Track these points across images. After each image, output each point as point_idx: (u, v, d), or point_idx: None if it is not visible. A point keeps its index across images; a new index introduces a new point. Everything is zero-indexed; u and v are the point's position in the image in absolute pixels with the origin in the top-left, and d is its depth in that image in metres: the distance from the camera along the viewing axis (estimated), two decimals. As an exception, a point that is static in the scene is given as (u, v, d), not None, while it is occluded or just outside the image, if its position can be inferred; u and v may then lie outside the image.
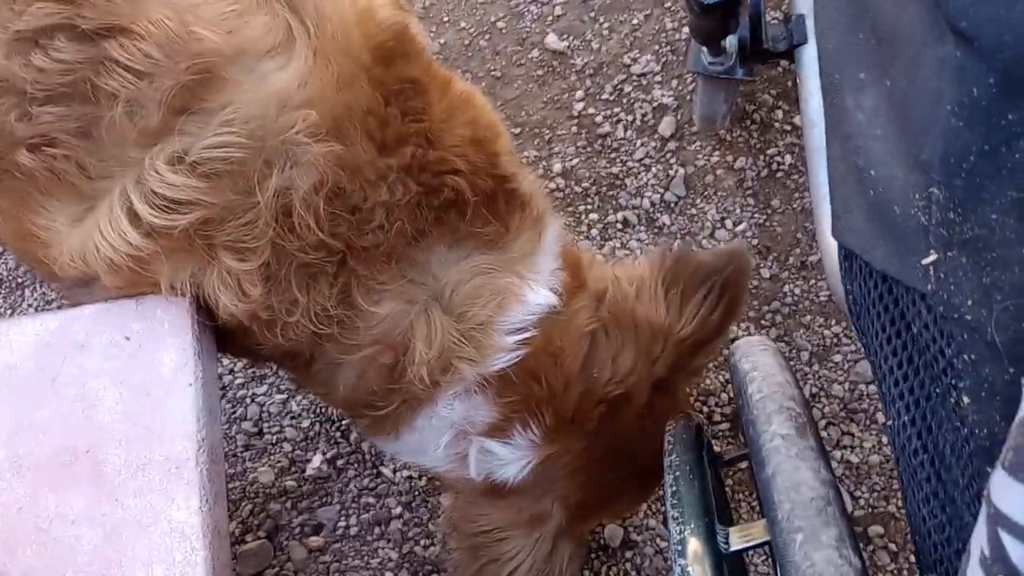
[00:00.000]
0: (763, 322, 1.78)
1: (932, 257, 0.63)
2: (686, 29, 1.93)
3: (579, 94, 1.95)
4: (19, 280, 1.95)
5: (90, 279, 1.13)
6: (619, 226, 1.87)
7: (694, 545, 0.82)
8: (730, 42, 1.47)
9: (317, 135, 1.04)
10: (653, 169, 1.88)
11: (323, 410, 1.85)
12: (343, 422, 1.85)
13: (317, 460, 1.85)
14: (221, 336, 1.21)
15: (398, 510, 1.82)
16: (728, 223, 1.84)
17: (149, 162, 1.01)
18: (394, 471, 1.80)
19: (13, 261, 1.96)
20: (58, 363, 1.15)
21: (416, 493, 1.82)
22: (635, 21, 1.96)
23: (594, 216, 1.88)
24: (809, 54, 1.31)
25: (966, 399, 0.63)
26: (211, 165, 1.01)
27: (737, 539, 0.82)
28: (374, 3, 1.14)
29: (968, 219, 0.60)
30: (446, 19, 2.03)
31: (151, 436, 1.12)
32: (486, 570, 1.28)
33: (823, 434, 1.73)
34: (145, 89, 0.99)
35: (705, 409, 1.77)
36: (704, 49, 1.54)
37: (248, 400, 1.90)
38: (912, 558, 1.65)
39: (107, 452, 1.12)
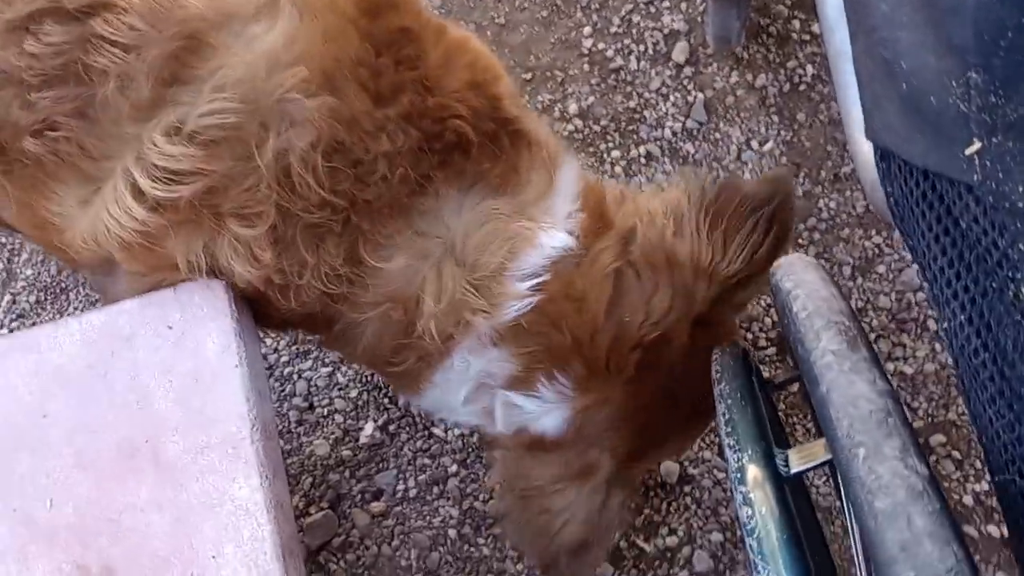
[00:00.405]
0: (800, 240, 1.75)
1: (976, 146, 0.61)
2: (689, -50, 1.89)
3: (587, 30, 1.91)
4: (63, 285, 1.97)
5: (108, 262, 1.13)
6: (643, 160, 1.84)
7: (753, 471, 0.81)
8: (739, -42, 1.44)
9: (308, 90, 1.02)
10: (671, 98, 1.85)
11: (369, 378, 1.86)
12: (390, 388, 1.86)
13: (369, 428, 1.86)
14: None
15: (454, 468, 1.83)
16: (754, 144, 1.81)
17: (147, 136, 1.02)
18: (446, 430, 1.81)
19: (55, 267, 1.98)
20: (107, 359, 1.16)
21: (470, 450, 1.84)
22: (637, -52, 1.92)
23: (616, 153, 1.86)
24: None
25: (1025, 290, 0.61)
26: (208, 133, 1.01)
27: (797, 460, 0.81)
28: None
29: (1011, 100, 0.57)
30: (444, -29, 2.00)
31: (205, 420, 1.14)
32: (537, 521, 1.26)
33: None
34: (133, 62, 0.99)
35: (750, 336, 1.75)
36: (711, -32, 1.50)
37: (295, 376, 1.92)
38: (978, 464, 1.63)
39: (165, 440, 1.13)
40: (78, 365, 1.17)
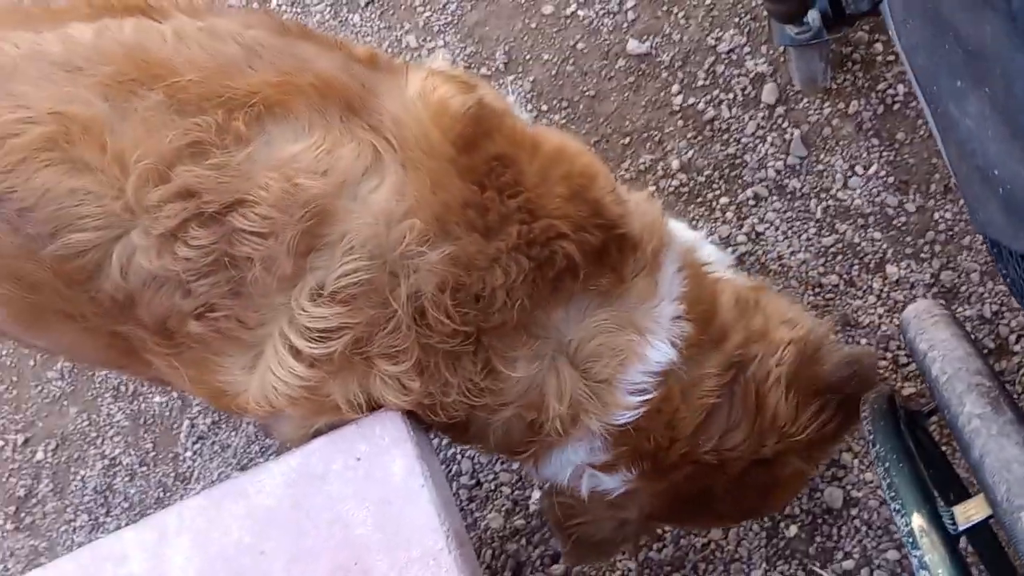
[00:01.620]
0: (922, 255, 1.78)
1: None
2: (761, -5, 1.94)
3: (675, 88, 1.99)
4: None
5: (277, 412, 1.27)
6: (751, 203, 1.90)
7: (924, 534, 0.86)
8: (812, 16, 1.49)
9: (426, 240, 1.15)
10: (768, 138, 1.91)
11: (529, 452, 1.96)
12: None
13: (536, 495, 1.96)
14: None
15: (623, 523, 1.91)
16: (858, 169, 1.84)
17: (295, 303, 1.16)
18: (610, 491, 1.89)
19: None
20: (308, 496, 1.30)
21: (635, 503, 1.91)
22: (707, 1, 1.98)
23: (724, 200, 1.92)
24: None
25: None
26: (347, 290, 1.15)
27: (962, 518, 0.87)
28: (444, 96, 1.24)
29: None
30: (528, 57, 2.10)
31: (403, 538, 1.26)
32: (568, 514, 1.45)
33: (1015, 348, 1.72)
34: (273, 245, 1.14)
35: (888, 355, 1.78)
36: (787, 23, 1.56)
37: (459, 456, 2.04)
38: None
39: (372, 561, 1.26)
40: (284, 505, 1.31)
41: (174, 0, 1.39)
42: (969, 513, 0.87)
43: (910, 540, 0.88)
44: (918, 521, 0.88)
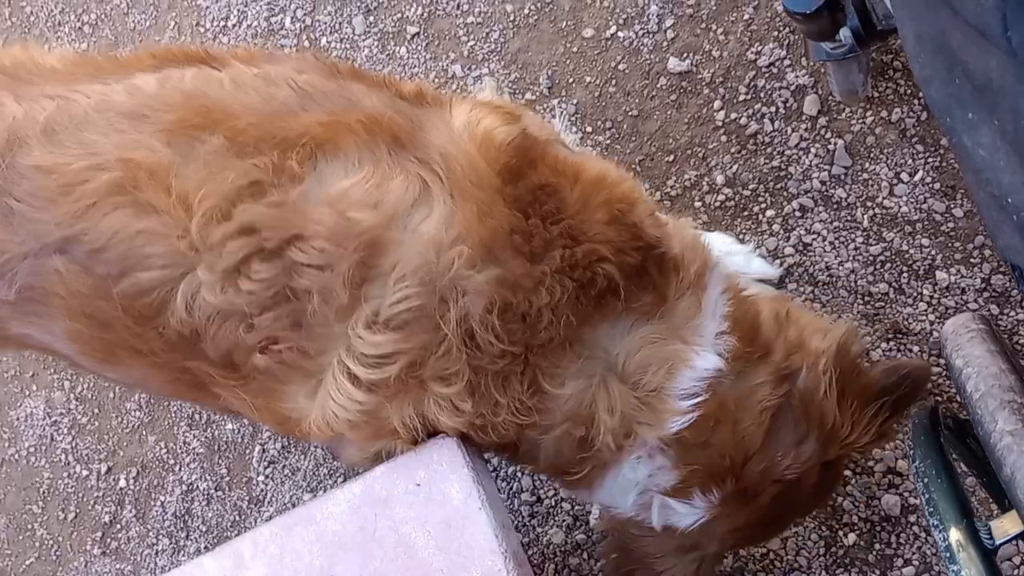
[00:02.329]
0: (971, 260, 1.78)
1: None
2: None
3: (716, 104, 2.01)
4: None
5: (338, 436, 1.33)
6: (798, 214, 1.92)
7: (961, 548, 0.89)
8: (843, 34, 1.51)
9: (474, 265, 1.20)
10: (812, 149, 1.92)
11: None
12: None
13: (597, 511, 2.00)
14: None
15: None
16: (903, 176, 1.85)
17: (352, 332, 1.22)
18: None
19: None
20: (372, 520, 1.37)
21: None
22: (746, 16, 2.00)
23: (771, 213, 1.94)
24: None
25: None
26: (400, 317, 1.21)
27: (999, 532, 0.89)
28: (489, 128, 1.30)
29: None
30: (571, 80, 2.15)
31: (464, 560, 1.32)
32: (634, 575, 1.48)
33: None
34: (329, 277, 1.20)
35: (942, 361, 1.78)
36: (822, 40, 1.58)
37: (519, 474, 2.08)
38: None
39: (435, 583, 1.32)
40: (350, 529, 1.38)
41: (232, 50, 1.47)
42: (1005, 527, 0.89)
43: (947, 554, 0.90)
44: (955, 536, 0.90)
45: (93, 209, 1.23)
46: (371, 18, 2.37)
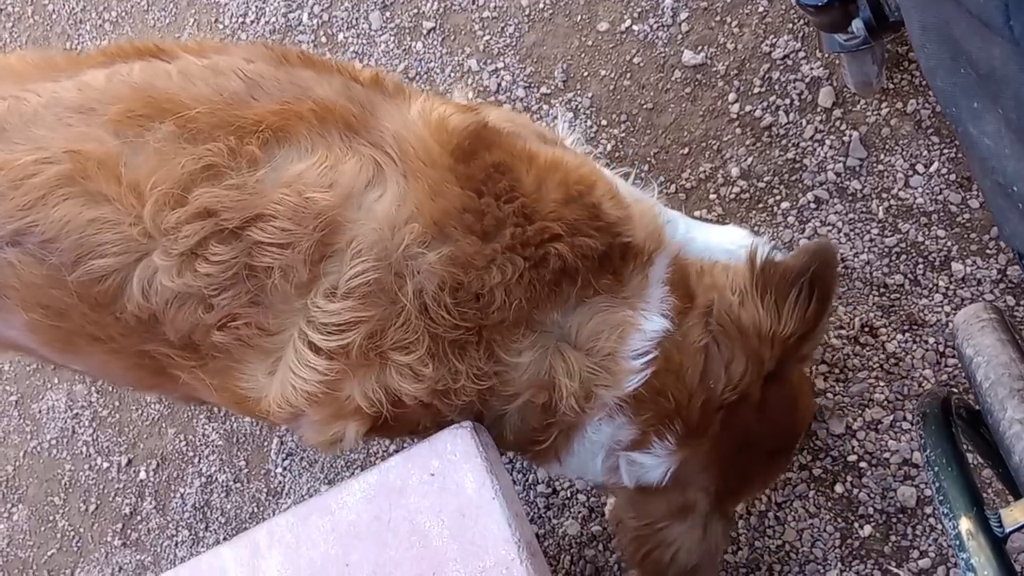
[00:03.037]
0: (987, 251, 1.77)
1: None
2: None
3: (731, 97, 2.01)
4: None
5: (296, 416, 1.35)
6: (812, 206, 1.91)
7: (971, 537, 0.89)
8: (856, 25, 1.50)
9: (426, 243, 1.24)
10: (827, 141, 1.92)
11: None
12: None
13: (611, 502, 2.01)
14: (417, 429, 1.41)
15: (698, 527, 1.94)
16: (919, 167, 1.84)
17: (311, 303, 1.25)
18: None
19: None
20: (387, 509, 1.38)
21: (709, 507, 1.94)
22: (760, 9, 2.00)
23: (786, 205, 1.94)
24: None
25: None
26: (358, 290, 1.24)
27: (1008, 520, 0.89)
28: (443, 114, 1.34)
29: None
30: (586, 74, 2.15)
31: (477, 549, 1.33)
32: (652, 556, 1.47)
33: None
34: (290, 255, 1.23)
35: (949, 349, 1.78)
36: (835, 31, 1.57)
37: (534, 466, 2.09)
38: None
39: (449, 571, 1.33)
40: (365, 518, 1.39)
41: (183, 43, 1.51)
42: (1015, 516, 0.90)
43: (957, 542, 0.90)
44: (966, 524, 0.90)
45: (42, 201, 1.25)
46: (387, 14, 2.38)
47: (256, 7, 2.55)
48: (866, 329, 1.85)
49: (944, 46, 0.83)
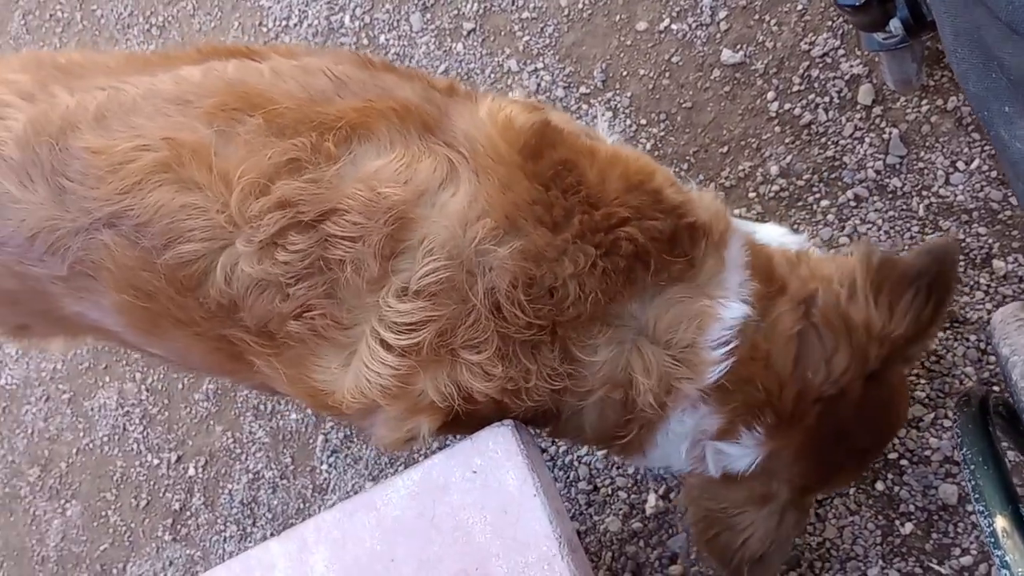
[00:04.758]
0: (1027, 249, 1.76)
1: None
2: None
3: (770, 95, 2.02)
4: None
5: (370, 411, 1.37)
6: (852, 204, 1.91)
7: (1006, 535, 0.90)
8: (894, 24, 1.50)
9: (497, 236, 1.25)
10: (866, 139, 1.92)
11: (642, 456, 2.02)
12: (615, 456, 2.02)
13: (652, 499, 2.02)
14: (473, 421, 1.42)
15: (739, 524, 1.95)
16: (959, 165, 1.83)
17: (383, 301, 1.27)
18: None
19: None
20: (431, 506, 1.41)
21: (749, 504, 1.95)
22: (800, 7, 2.00)
23: (825, 203, 1.94)
24: None
25: None
26: (429, 288, 1.26)
27: (1046, 520, 0.90)
28: (510, 115, 1.37)
29: None
30: (625, 74, 2.17)
31: (519, 544, 1.35)
32: (721, 538, 1.46)
33: None
34: (361, 248, 1.26)
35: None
36: (874, 29, 1.57)
37: (576, 463, 2.12)
38: None
39: (492, 566, 1.36)
40: (409, 515, 1.42)
41: (274, 46, 1.55)
42: (1052, 515, 0.90)
43: (992, 540, 0.91)
44: (1001, 523, 0.91)
45: (138, 186, 1.30)
46: (428, 15, 2.41)
47: (299, 10, 2.60)
48: (907, 327, 1.84)
49: (976, 51, 0.84)
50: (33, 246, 1.37)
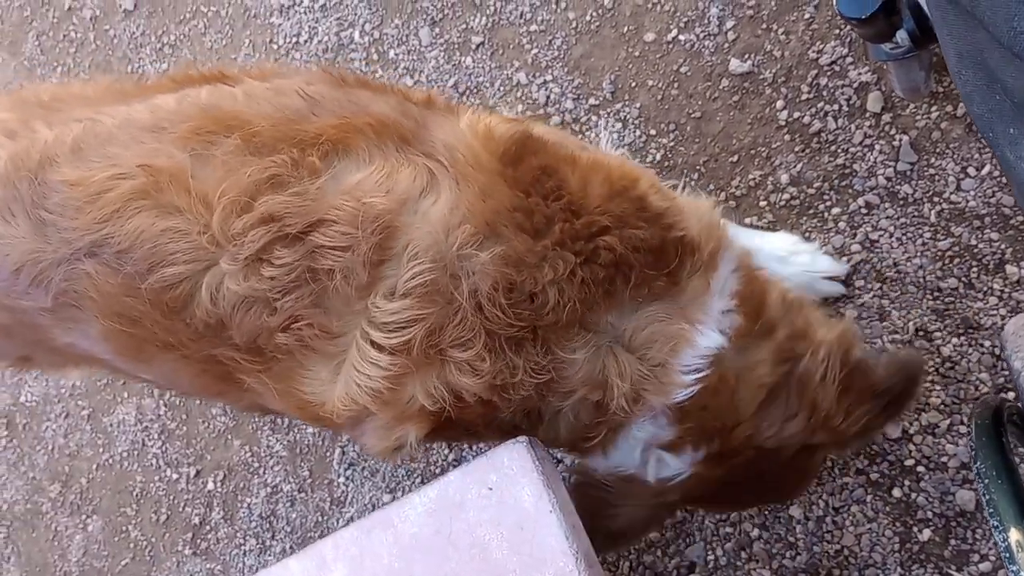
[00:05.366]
0: (1034, 258, 1.76)
1: None
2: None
3: (779, 104, 2.02)
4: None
5: (360, 419, 1.38)
6: (864, 212, 1.91)
7: (1020, 549, 0.90)
8: (900, 36, 1.50)
9: (479, 242, 1.27)
10: (876, 146, 1.92)
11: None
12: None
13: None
14: (477, 429, 1.44)
15: (755, 532, 1.96)
16: (971, 170, 1.83)
17: (371, 304, 1.29)
18: (739, 502, 1.93)
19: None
20: (448, 523, 1.42)
21: (767, 512, 1.96)
22: (807, 15, 2.00)
23: (836, 210, 1.94)
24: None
25: None
26: (416, 291, 1.27)
27: (1061, 535, 0.90)
28: (490, 125, 1.39)
29: None
30: (634, 84, 2.17)
31: (536, 561, 1.36)
32: (594, 504, 1.54)
33: None
34: (350, 257, 1.28)
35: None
36: (880, 41, 1.58)
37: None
38: None
39: (509, 583, 1.37)
40: (427, 532, 1.43)
41: (246, 69, 1.59)
42: (1066, 531, 0.90)
43: (1007, 555, 0.91)
44: (1016, 536, 0.91)
45: (117, 214, 1.32)
46: (436, 29, 2.43)
47: (309, 27, 2.62)
48: (920, 333, 1.85)
49: (979, 73, 0.84)
50: (18, 279, 1.39)
